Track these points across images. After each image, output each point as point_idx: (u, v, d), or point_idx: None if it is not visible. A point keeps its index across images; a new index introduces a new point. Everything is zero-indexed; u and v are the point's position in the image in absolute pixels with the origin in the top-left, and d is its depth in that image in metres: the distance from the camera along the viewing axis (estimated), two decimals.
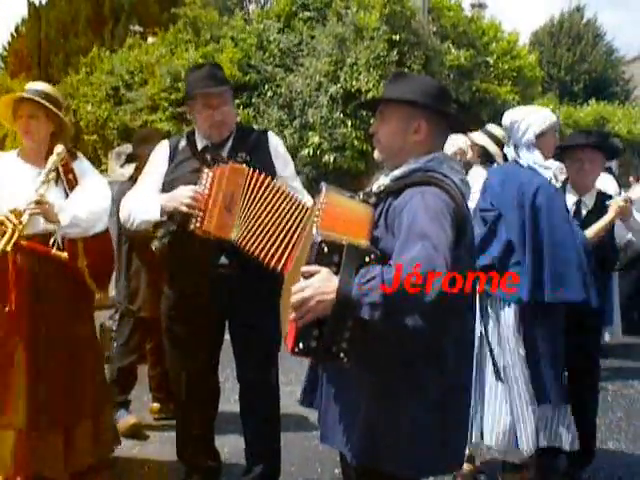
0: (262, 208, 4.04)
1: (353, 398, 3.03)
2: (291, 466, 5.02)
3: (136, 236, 5.19)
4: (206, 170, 4.14)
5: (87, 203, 4.47)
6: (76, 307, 4.60)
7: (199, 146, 4.41)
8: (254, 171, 4.10)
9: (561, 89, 30.83)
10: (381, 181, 3.21)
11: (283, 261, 3.91)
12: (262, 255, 3.96)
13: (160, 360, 5.78)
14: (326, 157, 13.92)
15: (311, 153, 13.91)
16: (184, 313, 4.40)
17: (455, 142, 5.93)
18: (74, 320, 4.57)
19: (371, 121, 3.32)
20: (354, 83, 14.23)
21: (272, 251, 3.96)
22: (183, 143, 4.47)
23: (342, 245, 2.72)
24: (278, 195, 4.07)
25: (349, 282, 2.66)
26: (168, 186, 4.28)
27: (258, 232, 4.00)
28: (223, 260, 4.23)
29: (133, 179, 5.71)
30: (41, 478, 4.47)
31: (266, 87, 15.01)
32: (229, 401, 5.15)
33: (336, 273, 2.70)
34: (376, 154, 3.67)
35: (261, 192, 4.06)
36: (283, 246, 3.94)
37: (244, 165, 4.14)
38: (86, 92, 18.59)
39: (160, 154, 4.52)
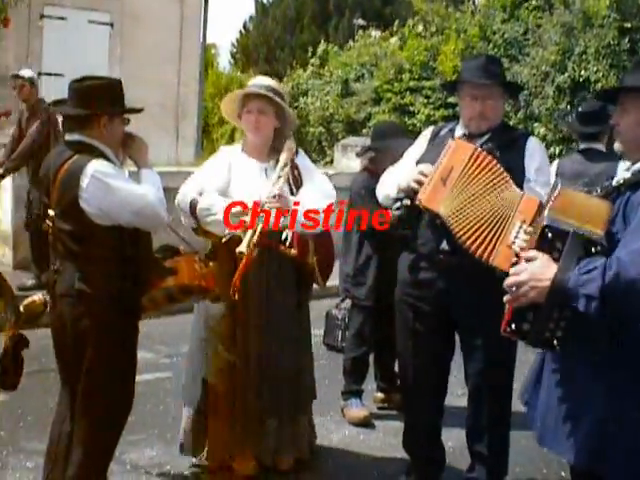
0: (478, 189, 3.92)
1: (580, 398, 2.92)
2: (515, 466, 4.90)
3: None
4: (444, 150, 4.12)
5: (319, 200, 4.54)
6: (298, 301, 4.69)
7: (457, 134, 4.40)
8: (481, 151, 4.01)
9: None
10: (621, 175, 3.08)
11: (488, 251, 3.76)
12: (466, 239, 3.82)
13: (386, 350, 5.86)
14: (551, 149, 13.55)
15: None
16: (414, 299, 4.39)
17: None
18: (296, 314, 4.68)
19: None
20: (582, 73, 13.77)
21: (479, 238, 3.81)
22: (446, 129, 4.51)
23: (567, 233, 2.67)
24: (500, 180, 3.94)
25: (567, 271, 2.62)
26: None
27: (467, 213, 3.87)
28: (444, 245, 4.17)
29: (366, 170, 5.79)
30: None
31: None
32: (453, 394, 5.10)
33: (557, 260, 2.65)
34: (617, 146, 3.50)
35: (481, 173, 3.94)
36: (492, 235, 3.79)
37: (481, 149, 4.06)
38: (313, 85, 19.04)
39: (422, 138, 4.59)
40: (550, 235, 2.70)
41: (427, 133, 4.60)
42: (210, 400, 4.61)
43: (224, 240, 4.29)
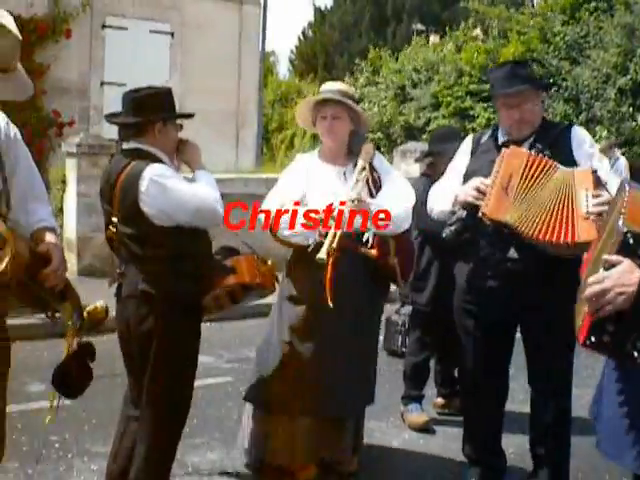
0: (539, 189, 4.00)
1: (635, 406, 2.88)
2: (578, 472, 4.84)
3: (428, 230, 5.26)
4: (498, 158, 4.15)
5: (397, 201, 4.53)
6: (374, 303, 4.72)
7: (500, 140, 4.42)
8: (536, 154, 4.08)
9: None
10: None
11: (570, 232, 3.87)
12: (544, 235, 3.92)
13: (447, 355, 5.85)
14: None
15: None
16: (475, 307, 4.40)
17: None
18: (371, 316, 4.70)
19: None
20: None
21: (555, 226, 3.91)
22: (486, 137, 4.52)
23: None
24: (552, 171, 4.03)
25: None
26: (468, 178, 4.34)
27: (534, 213, 3.96)
28: (512, 254, 4.18)
29: (426, 175, 5.79)
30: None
31: (551, 81, 14.67)
32: (515, 400, 5.07)
33: None
34: None
35: (541, 174, 4.02)
36: (565, 216, 3.91)
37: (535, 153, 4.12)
38: (370, 92, 19.04)
39: (464, 147, 4.61)
40: (632, 241, 2.61)
41: (468, 143, 4.61)
42: (284, 402, 4.62)
43: (310, 250, 4.33)
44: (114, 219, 3.95)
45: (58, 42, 14.23)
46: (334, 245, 4.13)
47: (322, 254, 4.10)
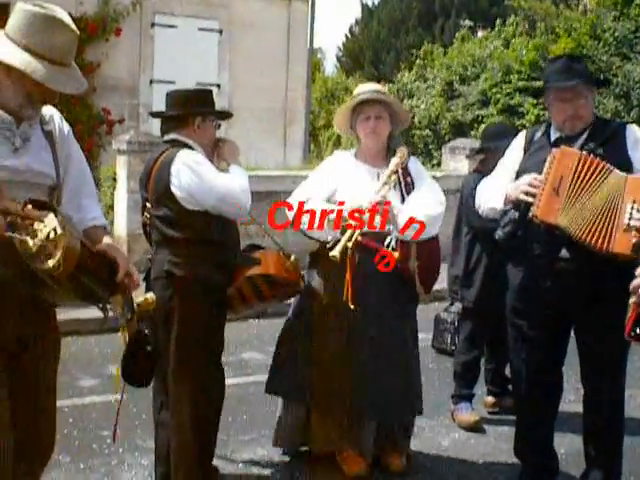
0: (590, 191, 3.95)
1: None
2: (630, 475, 4.77)
3: (478, 226, 5.22)
4: (549, 157, 4.09)
5: (424, 208, 4.55)
6: (401, 305, 4.70)
7: (552, 137, 4.36)
8: (588, 155, 4.01)
9: None
10: None
11: (606, 241, 3.84)
12: (586, 236, 3.89)
13: (497, 353, 5.80)
14: None
15: None
16: (528, 307, 4.36)
17: None
18: (398, 317, 4.68)
19: None
20: None
21: (596, 230, 3.88)
22: (539, 133, 4.46)
23: None
24: (605, 173, 3.96)
25: None
26: (520, 176, 4.29)
27: (585, 215, 3.92)
28: (564, 253, 4.13)
29: (477, 172, 5.74)
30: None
31: (601, 77, 14.50)
32: (565, 400, 5.00)
33: None
34: None
35: (593, 176, 3.96)
36: (606, 223, 3.87)
37: (587, 153, 4.05)
38: (419, 88, 18.95)
39: (516, 144, 4.56)
40: None
41: (520, 139, 4.55)
42: (317, 394, 4.66)
43: (328, 246, 4.35)
44: (148, 204, 4.17)
45: (108, 40, 14.35)
46: (349, 244, 4.18)
47: (335, 252, 4.17)
